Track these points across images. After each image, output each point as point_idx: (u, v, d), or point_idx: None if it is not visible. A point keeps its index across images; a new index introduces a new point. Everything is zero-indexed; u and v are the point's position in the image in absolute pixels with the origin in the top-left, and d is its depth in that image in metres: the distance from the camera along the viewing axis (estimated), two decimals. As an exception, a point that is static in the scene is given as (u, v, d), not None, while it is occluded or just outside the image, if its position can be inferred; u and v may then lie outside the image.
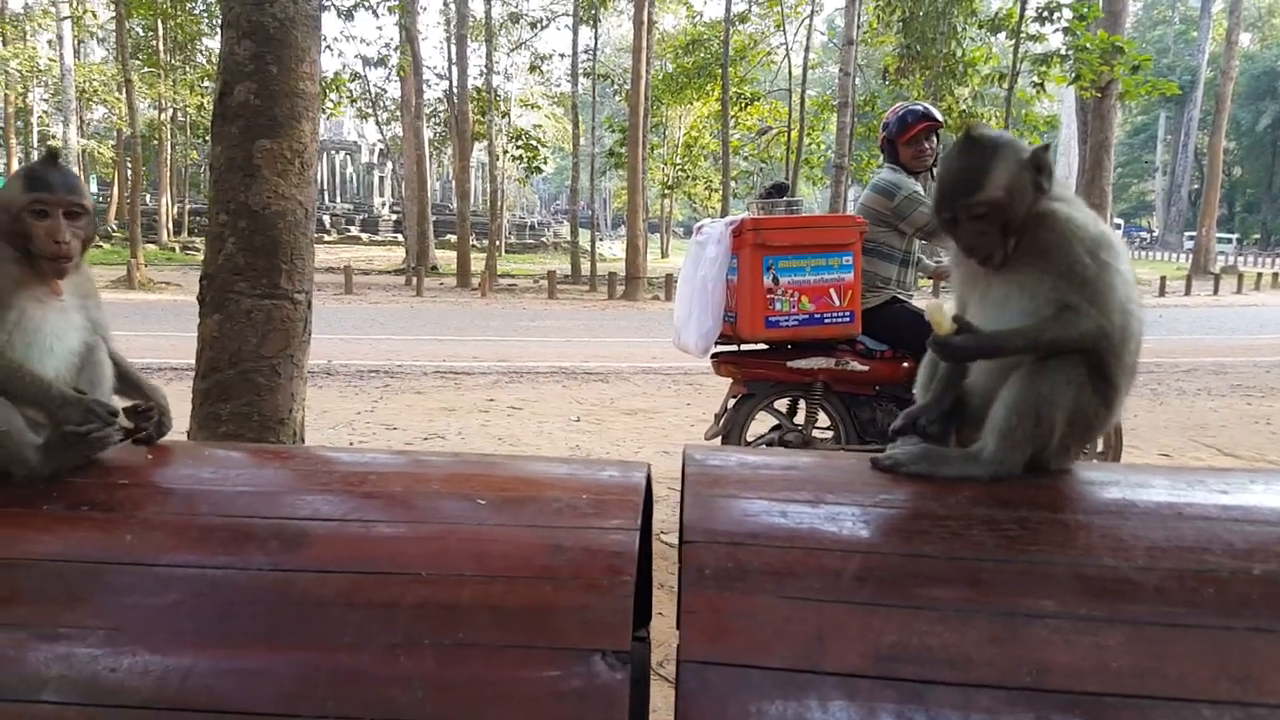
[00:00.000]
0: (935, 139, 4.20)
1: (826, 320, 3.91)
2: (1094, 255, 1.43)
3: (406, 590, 1.18)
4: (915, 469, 1.44)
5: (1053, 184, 1.48)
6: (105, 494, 1.36)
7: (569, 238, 28.47)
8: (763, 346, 4.10)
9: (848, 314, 3.93)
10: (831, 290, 3.91)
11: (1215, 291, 24.32)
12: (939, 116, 4.21)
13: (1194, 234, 35.15)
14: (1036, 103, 15.23)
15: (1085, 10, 13.08)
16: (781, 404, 4.38)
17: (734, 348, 4.18)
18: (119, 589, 1.20)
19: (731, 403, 4.21)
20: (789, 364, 4.00)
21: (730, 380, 4.23)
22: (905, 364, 4.03)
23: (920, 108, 4.26)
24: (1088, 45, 12.63)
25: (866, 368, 4.02)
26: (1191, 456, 5.82)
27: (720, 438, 4.17)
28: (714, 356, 4.19)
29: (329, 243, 33.03)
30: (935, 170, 4.32)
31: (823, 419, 4.22)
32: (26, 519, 1.31)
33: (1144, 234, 55.87)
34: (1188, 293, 23.97)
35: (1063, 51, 13.47)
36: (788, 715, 1.04)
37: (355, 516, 1.31)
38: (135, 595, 1.19)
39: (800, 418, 4.27)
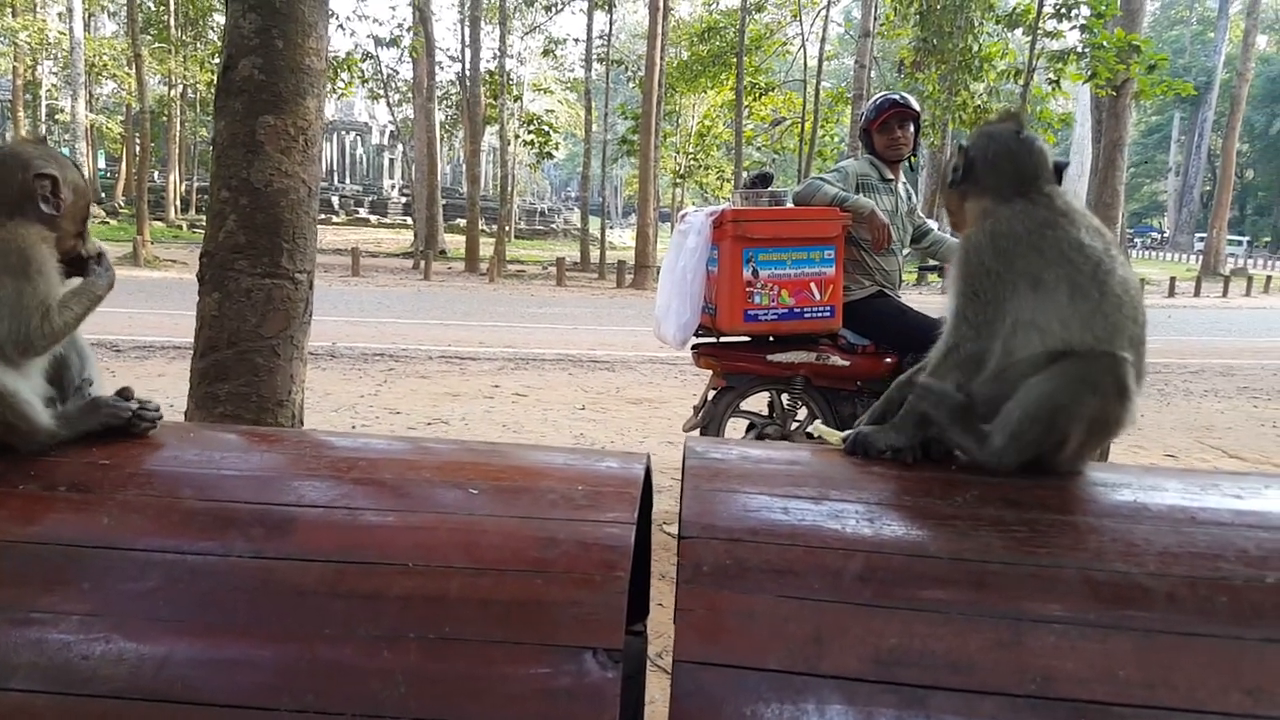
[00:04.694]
0: (913, 130, 4.11)
1: (806, 315, 3.85)
2: (1003, 257, 1.45)
3: (393, 581, 1.15)
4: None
5: (962, 178, 1.56)
6: (84, 474, 1.32)
7: (579, 225, 28.40)
8: (744, 339, 4.03)
9: (828, 309, 3.87)
10: (812, 284, 3.85)
11: (1224, 293, 24.21)
12: (915, 106, 4.13)
13: (1205, 235, 35.00)
14: (1052, 100, 15.08)
15: (1103, 8, 12.95)
16: (761, 398, 4.33)
17: (714, 339, 4.12)
18: (94, 573, 1.16)
19: (711, 395, 4.16)
20: (769, 357, 3.94)
21: (710, 372, 4.18)
22: (888, 359, 3.97)
23: (895, 95, 4.18)
24: (1104, 43, 12.52)
25: (848, 363, 3.96)
26: (1197, 458, 5.77)
27: (699, 430, 4.12)
28: (694, 348, 4.14)
29: (337, 224, 33.05)
30: (914, 162, 4.25)
31: (803, 413, 4.17)
32: (2, 498, 1.28)
33: (1155, 234, 55.64)
34: (1197, 294, 23.85)
35: (1079, 49, 13.36)
36: (784, 719, 1.01)
37: (342, 504, 1.27)
38: (111, 580, 1.15)
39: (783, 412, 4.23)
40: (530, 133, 24.29)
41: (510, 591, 1.14)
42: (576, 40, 27.80)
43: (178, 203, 30.53)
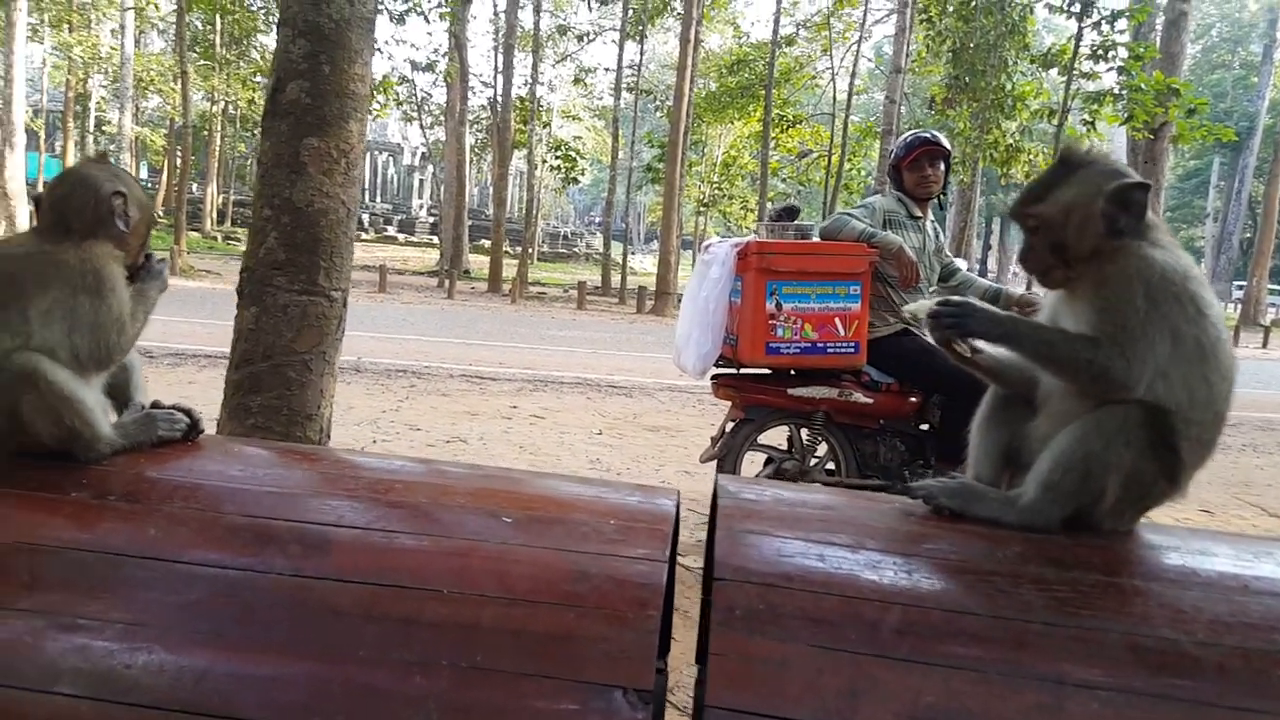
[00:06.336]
0: (943, 168, 4.10)
1: (830, 350, 3.83)
2: (1151, 301, 1.34)
3: (426, 606, 1.15)
4: (947, 503, 1.40)
5: (1140, 224, 1.40)
6: (132, 485, 1.35)
7: (601, 249, 28.54)
8: (764, 371, 4.00)
9: (852, 344, 3.84)
10: (836, 319, 3.82)
11: (1264, 344, 23.73)
12: (946, 144, 4.12)
13: (1244, 284, 34.57)
14: (1086, 141, 15.03)
15: (1141, 50, 12.93)
16: (780, 432, 4.30)
17: (735, 370, 4.09)
18: (139, 583, 1.18)
19: (729, 427, 4.12)
20: (790, 391, 3.91)
21: (729, 403, 4.15)
22: (912, 399, 3.93)
23: (927, 133, 4.16)
24: (1142, 86, 12.46)
25: (871, 400, 3.92)
26: (1234, 514, 5.67)
27: (716, 462, 4.10)
28: (714, 379, 4.12)
29: (366, 241, 33.37)
30: (944, 199, 4.24)
31: (822, 449, 4.13)
32: (55, 505, 1.30)
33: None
34: (1236, 344, 23.19)
35: (1116, 91, 13.30)
36: (816, 771, 1.00)
37: (379, 526, 1.28)
38: (155, 591, 1.17)
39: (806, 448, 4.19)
40: (557, 158, 24.54)
41: (542, 624, 1.14)
42: (607, 69, 28.14)
43: (214, 215, 30.99)
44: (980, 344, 1.51)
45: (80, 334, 1.44)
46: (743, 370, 4.07)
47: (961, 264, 4.42)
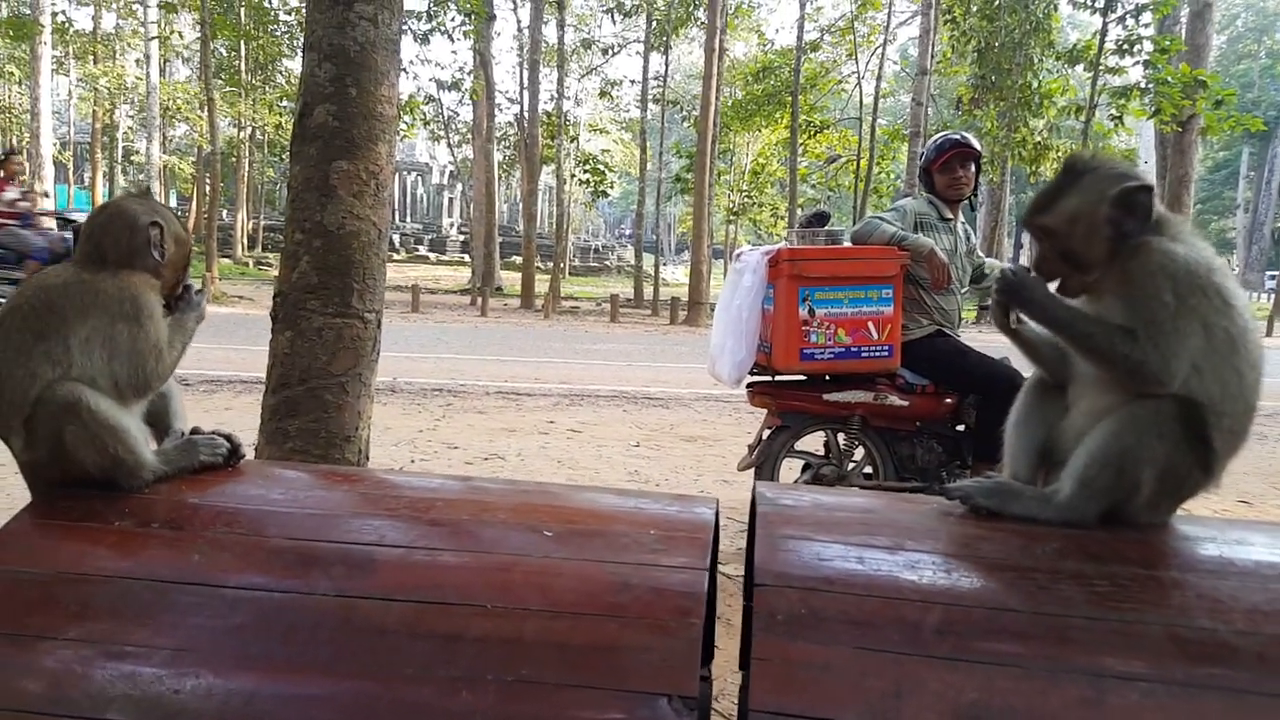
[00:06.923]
0: (974, 170, 4.07)
1: (864, 354, 3.82)
2: (1179, 296, 1.35)
3: (470, 622, 1.17)
4: (984, 503, 1.41)
5: (1145, 226, 1.41)
6: (175, 512, 1.38)
7: (632, 262, 28.66)
8: (799, 378, 4.01)
9: (886, 348, 3.83)
10: (870, 324, 3.82)
11: (1301, 333, 23.30)
12: (977, 146, 4.09)
13: (1276, 273, 33.89)
14: (1114, 136, 14.84)
15: (1167, 43, 12.79)
16: (817, 437, 4.28)
17: (770, 378, 4.10)
18: (185, 609, 1.20)
19: (766, 434, 4.12)
20: (825, 396, 3.90)
21: (765, 411, 4.15)
22: (947, 400, 3.91)
23: (957, 135, 4.15)
24: (1169, 79, 12.32)
25: (907, 403, 3.90)
26: (1272, 504, 5.55)
27: (753, 470, 4.10)
28: (749, 387, 4.12)
29: (398, 261, 33.79)
30: (974, 200, 4.21)
31: (860, 453, 4.11)
32: (99, 534, 1.33)
33: (1225, 271, 53.78)
34: (1269, 334, 23.03)
35: (1143, 85, 13.16)
36: (861, 775, 1.00)
37: (421, 544, 1.30)
38: (201, 616, 1.19)
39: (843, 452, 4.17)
40: (586, 172, 24.70)
41: (585, 635, 1.15)
42: (632, 81, 28.34)
43: (244, 240, 31.51)
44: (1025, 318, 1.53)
45: (119, 361, 1.47)
46: (778, 377, 4.07)
47: (995, 264, 4.39)
